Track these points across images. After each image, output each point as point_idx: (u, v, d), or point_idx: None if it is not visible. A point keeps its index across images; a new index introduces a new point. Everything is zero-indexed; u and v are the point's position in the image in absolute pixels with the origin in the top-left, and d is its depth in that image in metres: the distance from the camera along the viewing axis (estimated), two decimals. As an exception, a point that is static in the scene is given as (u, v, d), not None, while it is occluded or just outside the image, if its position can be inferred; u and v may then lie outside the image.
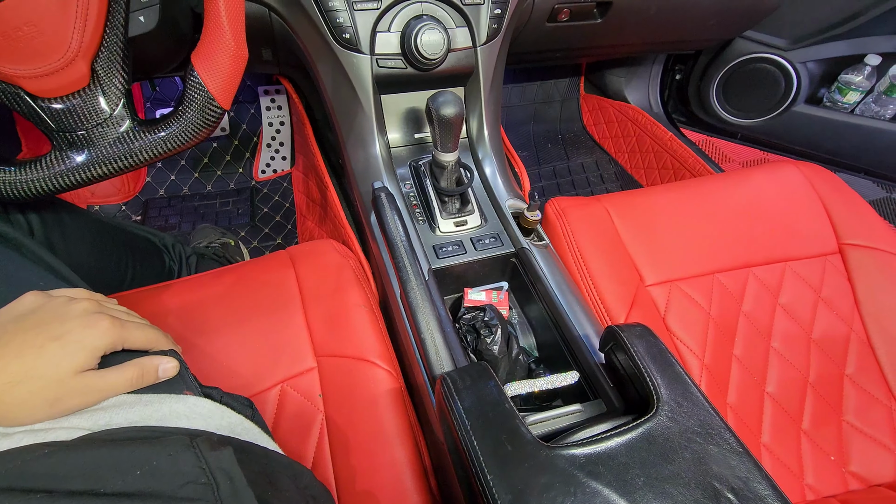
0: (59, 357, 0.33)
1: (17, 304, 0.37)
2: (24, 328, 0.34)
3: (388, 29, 0.67)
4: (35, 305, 0.36)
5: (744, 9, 1.03)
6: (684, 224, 0.75)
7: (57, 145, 0.47)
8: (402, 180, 0.72)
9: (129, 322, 0.38)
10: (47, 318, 0.35)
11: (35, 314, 0.35)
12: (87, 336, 0.35)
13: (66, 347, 0.34)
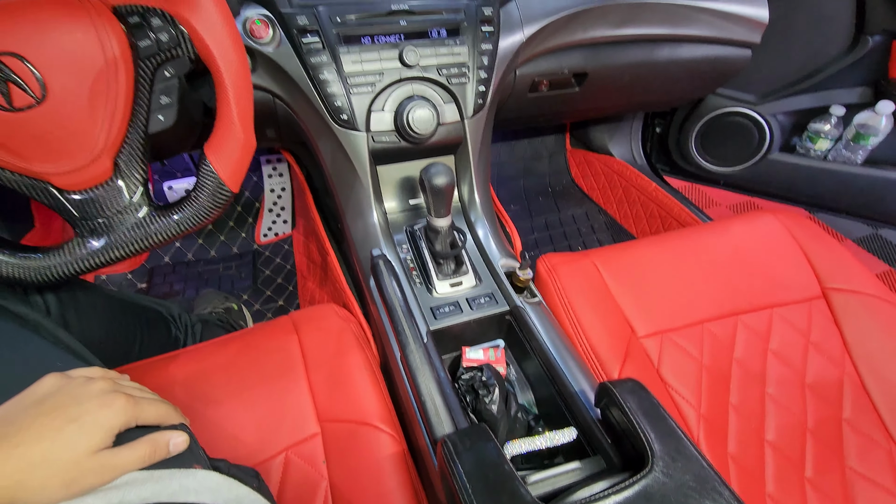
0: (76, 439, 0.35)
1: (37, 386, 0.38)
2: (44, 411, 0.36)
3: (382, 108, 0.73)
4: (54, 388, 0.38)
5: (710, 72, 1.11)
6: (671, 275, 0.79)
7: (79, 232, 0.51)
8: (399, 245, 0.76)
9: (143, 399, 0.40)
10: (65, 400, 0.37)
11: (54, 397, 0.37)
12: (104, 416, 0.36)
13: (83, 428, 0.35)
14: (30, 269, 0.49)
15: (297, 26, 0.68)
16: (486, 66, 0.77)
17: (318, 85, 0.70)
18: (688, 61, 1.05)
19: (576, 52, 0.95)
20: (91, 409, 0.36)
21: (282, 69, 0.70)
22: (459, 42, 0.75)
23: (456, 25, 0.75)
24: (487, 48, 0.77)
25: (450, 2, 0.75)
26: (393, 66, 0.72)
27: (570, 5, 0.86)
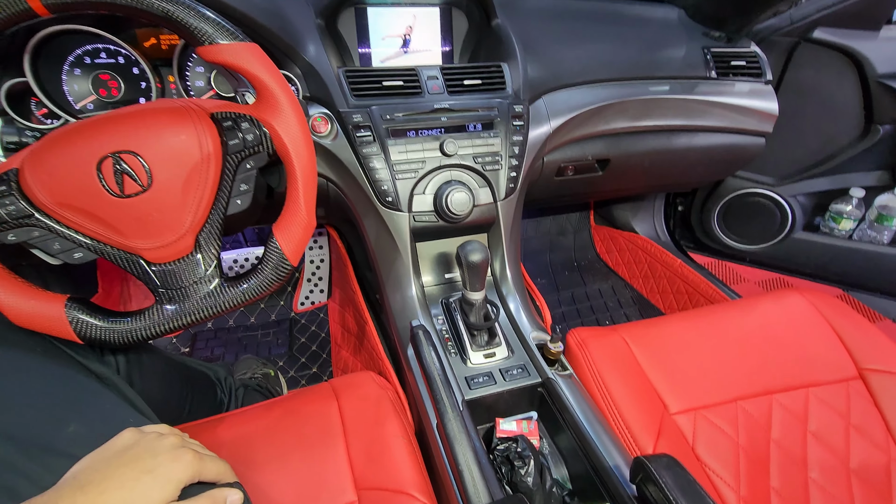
0: (151, 489, 0.38)
1: (117, 439, 0.43)
2: (124, 462, 0.40)
3: (423, 192, 0.81)
4: (131, 441, 0.42)
5: (726, 158, 1.18)
6: (701, 352, 0.80)
7: (158, 299, 0.58)
8: (435, 316, 0.81)
9: (206, 455, 0.44)
10: (142, 453, 0.41)
11: (132, 449, 0.41)
12: (174, 469, 0.40)
13: (157, 480, 0.39)
14: (115, 332, 0.55)
15: (353, 122, 0.78)
16: (517, 155, 0.85)
17: (368, 171, 0.79)
18: (704, 148, 1.12)
19: (598, 141, 1.04)
20: (164, 462, 0.40)
21: (337, 158, 0.80)
22: (493, 134, 0.84)
23: (490, 120, 0.84)
24: (518, 139, 0.85)
25: (485, 101, 0.85)
26: (434, 155, 0.81)
27: (592, 102, 0.96)
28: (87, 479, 0.38)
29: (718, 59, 1.08)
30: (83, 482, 0.38)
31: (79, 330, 0.54)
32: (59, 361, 0.53)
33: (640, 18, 1.13)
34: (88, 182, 0.51)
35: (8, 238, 0.51)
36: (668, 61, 1.05)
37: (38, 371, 0.50)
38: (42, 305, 0.53)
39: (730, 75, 1.09)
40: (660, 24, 1.13)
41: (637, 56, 1.02)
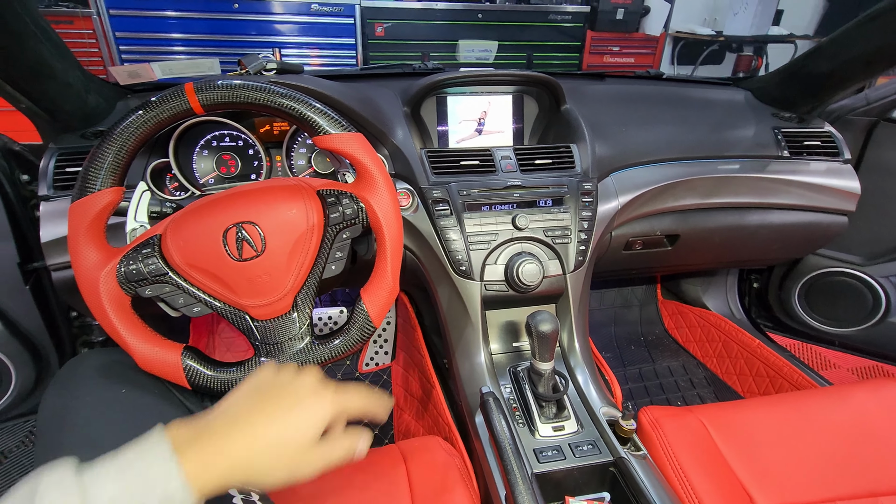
0: (299, 426, 0.39)
1: (255, 377, 0.43)
2: (267, 399, 0.40)
3: (495, 262, 0.85)
4: (271, 379, 0.43)
5: (804, 237, 1.14)
6: (789, 442, 0.74)
7: (257, 352, 0.64)
8: (502, 385, 0.82)
9: (347, 392, 0.43)
10: (285, 391, 0.41)
11: (274, 387, 0.41)
12: (320, 407, 0.40)
13: (302, 418, 0.39)
14: (219, 381, 0.61)
15: (433, 197, 0.86)
16: (586, 230, 0.89)
17: (444, 242, 0.85)
18: (779, 226, 1.10)
19: (667, 217, 1.05)
20: (308, 401, 0.40)
21: (416, 229, 0.87)
22: (563, 210, 0.88)
23: (560, 197, 0.89)
24: (587, 215, 0.89)
25: (555, 179, 0.91)
26: (506, 228, 0.86)
27: (660, 180, 0.99)
28: (236, 413, 0.39)
29: (790, 139, 1.08)
30: (233, 416, 0.38)
31: (190, 377, 0.60)
32: (172, 404, 0.60)
33: (706, 100, 1.17)
34: (215, 247, 0.59)
35: (145, 292, 0.60)
36: (736, 141, 1.06)
37: (156, 411, 0.57)
38: (163, 352, 0.60)
39: (803, 154, 1.08)
40: (726, 106, 1.16)
41: (704, 136, 1.05)
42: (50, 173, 0.80)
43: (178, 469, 0.34)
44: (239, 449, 0.37)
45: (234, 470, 0.36)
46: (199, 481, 0.35)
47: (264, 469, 0.37)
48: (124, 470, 0.34)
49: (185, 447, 0.36)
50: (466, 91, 1.02)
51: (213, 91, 0.60)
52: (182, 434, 0.37)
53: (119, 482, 0.33)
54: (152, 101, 0.60)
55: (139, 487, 0.33)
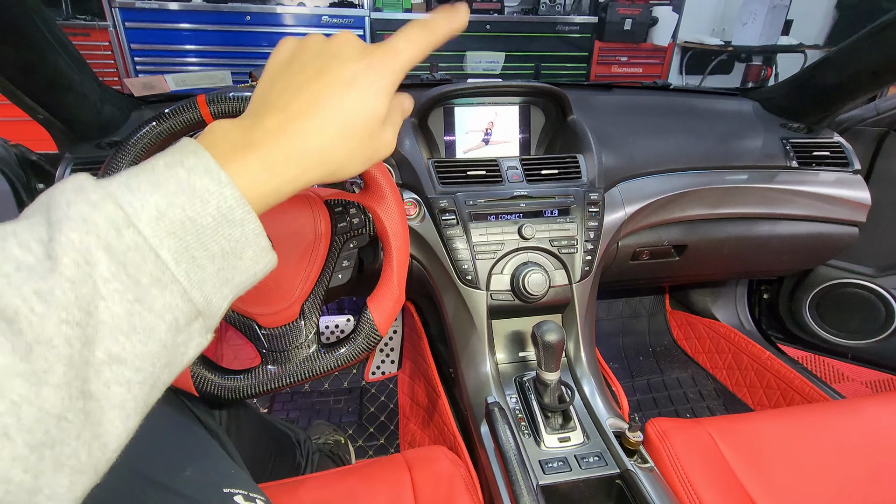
0: (360, 105, 0.31)
1: (280, 52, 0.34)
2: (311, 77, 0.31)
3: (501, 272, 0.86)
4: (299, 50, 0.33)
5: (814, 248, 1.13)
6: (801, 457, 0.73)
7: (263, 360, 0.64)
8: (508, 395, 0.81)
9: (393, 42, 0.33)
10: (326, 61, 0.32)
11: (312, 59, 0.32)
12: (375, 77, 0.31)
13: (363, 93, 0.31)
14: (226, 388, 0.62)
15: (439, 207, 0.86)
16: (592, 240, 0.89)
17: (451, 251, 0.85)
18: (789, 236, 1.09)
19: (675, 227, 1.04)
20: (359, 70, 0.31)
21: (423, 238, 0.87)
22: (569, 220, 0.88)
23: (566, 207, 0.89)
24: (593, 225, 0.89)
25: (561, 189, 0.91)
26: (512, 238, 0.86)
27: (667, 190, 0.98)
28: (282, 101, 0.31)
29: (799, 149, 1.08)
30: (281, 106, 0.30)
31: (197, 384, 0.61)
32: (179, 409, 0.60)
33: (714, 111, 1.17)
34: None
35: None
36: (744, 152, 1.06)
37: (163, 415, 0.57)
38: None
39: (812, 165, 1.07)
40: (734, 116, 1.16)
41: (712, 147, 1.05)
42: (65, 182, 0.82)
43: (229, 180, 0.27)
44: (304, 145, 0.30)
45: (307, 171, 0.30)
46: (263, 193, 0.29)
47: (339, 160, 0.31)
48: (160, 181, 0.26)
49: (236, 155, 0.29)
50: (474, 102, 1.03)
51: (224, 103, 0.62)
52: (229, 139, 0.29)
53: (159, 192, 0.26)
54: (166, 113, 0.61)
55: (186, 200, 0.26)
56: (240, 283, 0.29)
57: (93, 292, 0.23)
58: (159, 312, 0.25)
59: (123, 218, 0.25)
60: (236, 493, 0.50)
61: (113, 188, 0.25)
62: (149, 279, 0.25)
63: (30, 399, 0.21)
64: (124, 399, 0.25)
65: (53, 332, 0.22)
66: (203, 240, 0.26)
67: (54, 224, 0.24)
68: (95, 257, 0.24)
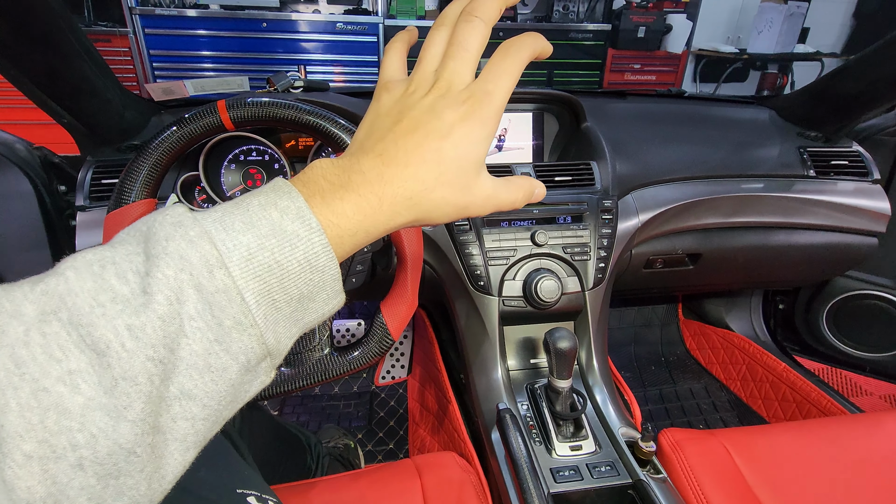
0: (456, 157, 0.31)
1: (378, 101, 0.34)
2: (405, 129, 0.31)
3: (513, 278, 0.85)
4: (396, 99, 0.33)
5: (832, 258, 1.11)
6: (819, 471, 0.72)
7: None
8: (519, 402, 0.81)
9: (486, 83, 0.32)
10: (420, 115, 0.32)
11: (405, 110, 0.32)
12: (471, 129, 0.31)
13: (458, 147, 0.31)
14: (240, 389, 0.62)
15: (452, 213, 0.86)
16: (605, 247, 0.88)
17: (463, 257, 0.85)
18: (806, 246, 1.07)
19: (689, 235, 1.04)
20: (454, 122, 0.31)
21: (436, 244, 0.87)
22: (582, 227, 0.88)
23: (579, 214, 0.89)
24: (607, 232, 0.89)
25: (575, 196, 0.91)
26: (525, 244, 0.86)
27: (681, 198, 0.98)
28: (379, 148, 0.31)
29: (817, 158, 1.06)
30: (379, 151, 0.31)
31: None
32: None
33: (730, 119, 1.16)
34: None
35: None
36: (760, 160, 1.05)
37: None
38: None
39: (830, 174, 1.06)
40: (750, 125, 1.15)
41: (727, 155, 1.04)
42: (86, 185, 0.84)
43: (319, 227, 0.28)
44: (398, 189, 0.30)
45: (397, 215, 0.31)
46: (353, 231, 0.29)
47: (430, 207, 0.31)
48: (254, 221, 0.27)
49: (328, 198, 0.29)
50: (487, 108, 1.04)
51: (243, 108, 0.63)
52: (328, 178, 0.30)
53: (251, 233, 0.26)
54: (186, 118, 0.62)
55: (276, 244, 0.26)
56: (308, 322, 0.30)
57: (178, 330, 0.24)
58: (235, 354, 0.26)
59: (217, 258, 0.25)
60: (249, 493, 0.50)
61: (208, 225, 0.26)
62: (231, 321, 0.25)
63: (107, 433, 0.22)
64: (187, 433, 0.25)
65: (139, 369, 0.22)
66: (285, 284, 0.27)
67: (152, 258, 0.24)
68: (186, 295, 0.24)
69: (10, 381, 0.20)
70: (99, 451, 0.21)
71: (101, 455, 0.21)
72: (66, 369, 0.21)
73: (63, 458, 0.21)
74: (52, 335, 0.22)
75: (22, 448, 0.20)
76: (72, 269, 0.23)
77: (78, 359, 0.22)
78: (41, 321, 0.22)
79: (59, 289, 0.23)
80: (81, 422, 0.21)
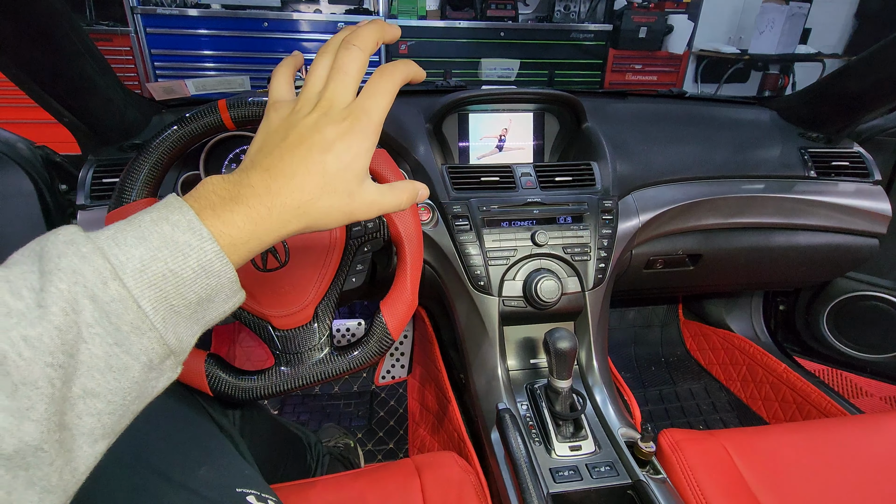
0: (338, 168, 0.34)
1: (267, 120, 0.37)
2: (292, 144, 0.34)
3: (513, 278, 0.85)
4: (282, 117, 0.36)
5: (833, 260, 1.11)
6: (818, 472, 0.72)
7: (277, 362, 0.65)
8: (519, 402, 0.81)
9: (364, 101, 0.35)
10: (302, 130, 0.34)
11: (291, 126, 0.35)
12: (352, 142, 0.34)
13: (339, 158, 0.34)
14: (240, 388, 0.62)
15: (453, 213, 0.86)
16: (606, 247, 0.88)
17: (463, 257, 0.85)
18: (806, 248, 1.07)
19: (690, 236, 1.04)
20: (335, 136, 0.34)
21: (436, 244, 0.87)
22: (583, 227, 0.88)
23: (580, 214, 0.89)
24: (607, 232, 0.89)
25: (575, 196, 0.91)
26: (525, 244, 0.86)
27: (682, 199, 0.98)
28: (267, 162, 0.33)
29: (818, 159, 1.06)
30: (266, 166, 0.33)
31: (212, 384, 0.62)
32: (195, 409, 0.61)
33: (731, 120, 1.16)
34: None
35: None
36: (761, 161, 1.05)
37: (180, 415, 0.58)
38: (188, 359, 0.62)
39: (832, 175, 1.06)
40: (751, 126, 1.15)
41: (728, 156, 1.04)
42: (87, 184, 0.84)
43: (210, 236, 0.30)
44: (286, 200, 0.33)
45: (287, 223, 0.33)
46: (246, 240, 0.32)
47: (317, 215, 0.34)
48: (146, 235, 0.29)
49: (224, 206, 0.31)
50: (488, 108, 1.04)
51: (244, 108, 0.63)
52: (218, 193, 0.32)
53: (143, 246, 0.28)
54: (187, 117, 0.62)
55: (169, 254, 0.28)
56: (209, 321, 0.32)
57: (76, 337, 0.26)
58: (135, 355, 0.28)
59: (110, 271, 0.27)
60: (249, 493, 0.50)
61: (101, 242, 0.28)
62: (129, 327, 0.27)
63: (12, 432, 0.23)
64: (94, 427, 0.27)
65: (39, 374, 0.24)
66: (181, 290, 0.29)
67: (46, 274, 0.26)
68: (81, 305, 0.26)
69: None
70: (5, 448, 0.23)
71: (8, 451, 0.23)
72: None
73: None
74: None
75: None
76: None
77: None
78: None
79: None
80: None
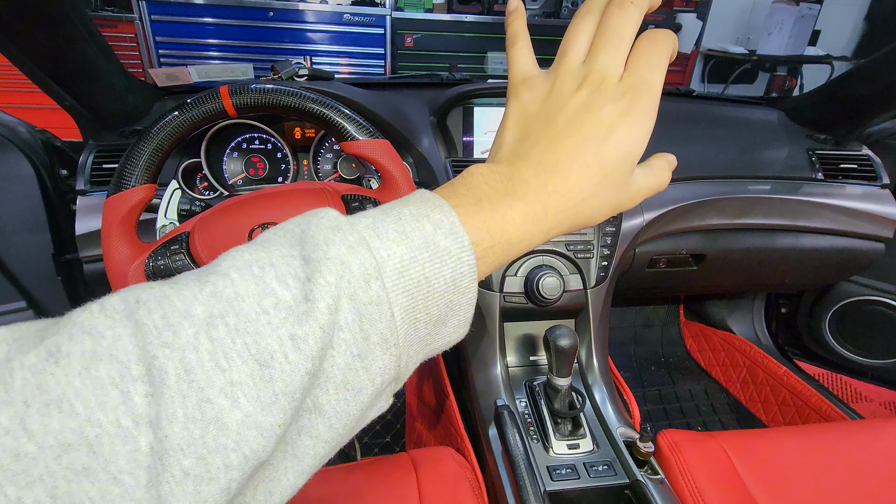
0: (619, 157, 0.29)
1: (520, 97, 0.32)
2: (560, 132, 0.29)
3: (515, 274, 0.85)
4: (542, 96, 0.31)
5: (837, 263, 1.10)
6: (816, 475, 0.71)
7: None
8: (518, 399, 0.80)
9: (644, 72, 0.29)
10: (571, 113, 0.29)
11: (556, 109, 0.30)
12: (634, 125, 0.28)
13: (620, 147, 0.28)
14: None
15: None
16: (609, 245, 0.87)
17: (465, 251, 0.84)
18: (811, 250, 1.06)
19: (694, 236, 1.03)
20: (615, 119, 0.28)
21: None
22: (586, 224, 0.87)
23: (583, 211, 0.88)
24: (611, 230, 0.88)
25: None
26: (528, 240, 0.85)
27: (687, 198, 0.97)
28: (535, 153, 0.29)
29: (825, 161, 1.05)
30: (537, 158, 0.29)
31: None
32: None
33: (738, 120, 1.15)
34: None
35: None
36: (768, 162, 1.04)
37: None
38: None
39: (839, 177, 1.05)
40: (759, 126, 1.13)
41: (735, 156, 1.03)
42: (87, 169, 0.83)
43: (470, 246, 0.26)
44: (563, 199, 0.28)
45: (560, 224, 0.29)
46: (492, 260, 0.28)
47: (590, 212, 0.29)
48: (407, 231, 0.25)
49: (497, 203, 0.27)
50: (493, 102, 1.03)
51: (246, 95, 0.62)
52: (490, 185, 0.28)
53: (405, 244, 0.24)
54: (188, 103, 0.61)
55: (428, 258, 0.24)
56: (433, 350, 0.28)
57: (329, 342, 0.22)
58: (372, 374, 0.24)
59: (374, 267, 0.23)
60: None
61: (364, 230, 0.24)
62: (378, 337, 0.23)
63: (258, 456, 0.20)
64: (306, 453, 0.23)
65: (298, 384, 0.20)
66: (429, 302, 0.25)
67: (312, 262, 0.22)
68: (341, 304, 0.22)
69: (180, 389, 0.19)
70: (246, 473, 0.19)
71: (246, 475, 0.19)
72: (229, 380, 0.19)
73: (215, 480, 0.19)
74: (219, 341, 0.20)
75: (182, 463, 0.18)
76: (234, 269, 0.22)
77: (240, 370, 0.20)
78: (209, 325, 0.20)
79: (227, 292, 0.21)
80: (237, 440, 0.19)
